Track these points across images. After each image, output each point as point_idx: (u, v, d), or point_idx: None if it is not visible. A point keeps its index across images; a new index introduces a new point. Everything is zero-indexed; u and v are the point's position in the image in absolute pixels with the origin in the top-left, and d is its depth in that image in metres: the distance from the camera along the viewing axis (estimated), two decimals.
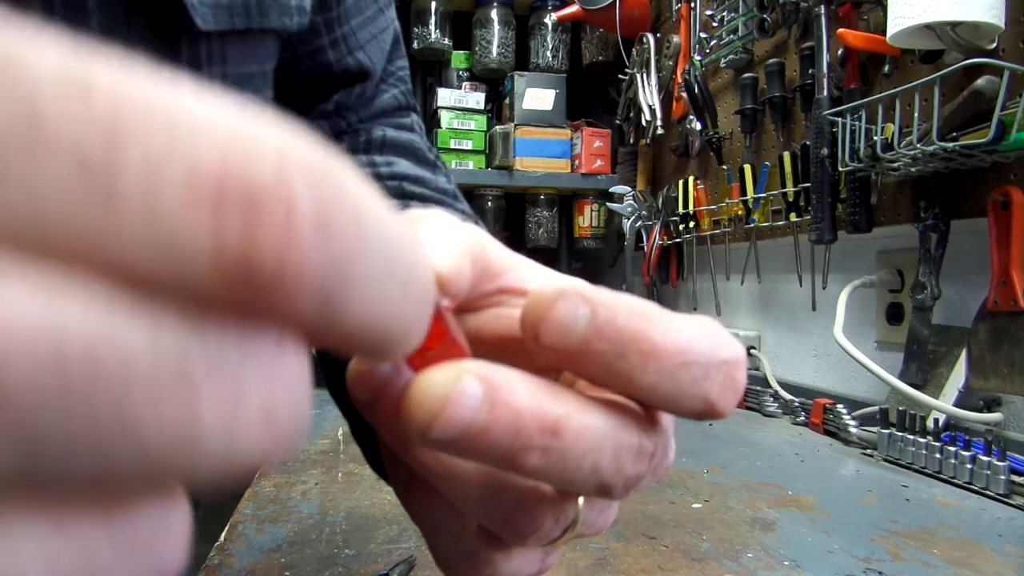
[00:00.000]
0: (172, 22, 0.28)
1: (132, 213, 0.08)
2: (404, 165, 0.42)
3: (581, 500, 0.20)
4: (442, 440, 0.15)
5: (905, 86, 0.83)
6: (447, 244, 0.19)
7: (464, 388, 0.15)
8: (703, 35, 1.45)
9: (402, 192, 0.39)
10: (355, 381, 0.19)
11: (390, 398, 0.18)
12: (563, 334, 0.15)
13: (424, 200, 0.39)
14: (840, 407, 0.97)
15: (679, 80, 1.53)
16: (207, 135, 0.09)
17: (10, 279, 0.08)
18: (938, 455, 0.77)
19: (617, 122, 1.82)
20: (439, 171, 0.44)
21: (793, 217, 1.15)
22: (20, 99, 0.08)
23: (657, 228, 1.60)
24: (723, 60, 1.37)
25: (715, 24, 1.39)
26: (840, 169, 0.97)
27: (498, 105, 1.99)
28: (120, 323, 0.09)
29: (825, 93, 1.02)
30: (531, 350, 0.16)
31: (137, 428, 0.09)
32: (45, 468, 0.09)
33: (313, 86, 0.43)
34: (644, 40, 1.66)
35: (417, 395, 0.15)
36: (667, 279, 1.63)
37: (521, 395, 0.15)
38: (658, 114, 1.61)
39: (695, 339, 0.17)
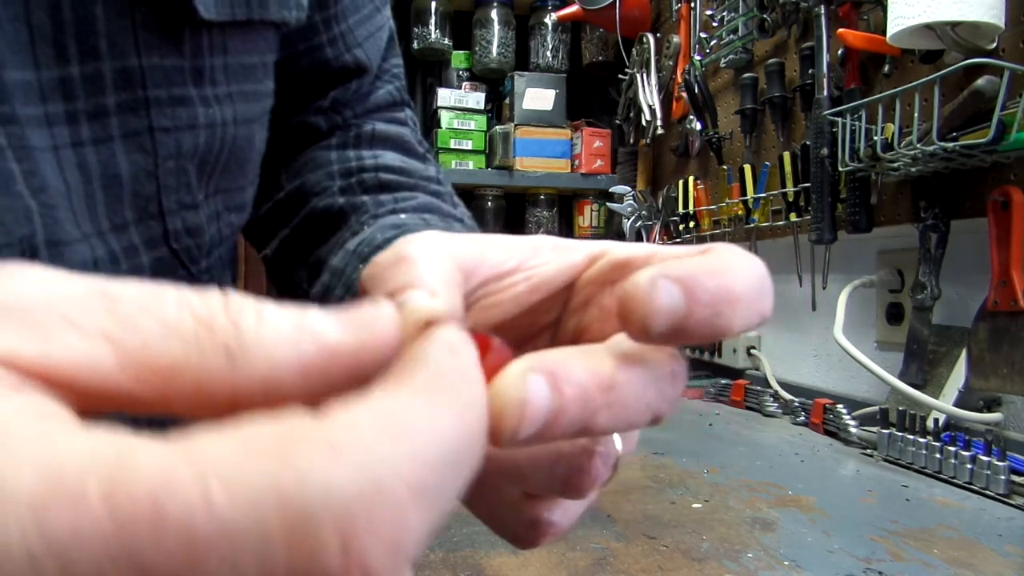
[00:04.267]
0: (175, 12, 0.29)
1: None
2: (391, 157, 0.44)
3: (617, 438, 0.21)
4: (530, 436, 0.16)
5: (905, 86, 0.83)
6: (436, 281, 0.20)
7: (531, 385, 0.16)
8: (703, 35, 1.45)
9: (378, 182, 0.41)
10: None
11: None
12: (670, 319, 0.17)
13: (400, 188, 0.41)
14: (840, 407, 0.97)
15: (679, 80, 1.53)
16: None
17: None
18: (938, 455, 0.77)
19: (617, 122, 1.82)
20: (428, 162, 0.46)
21: (793, 217, 1.15)
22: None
23: (657, 228, 1.60)
24: (723, 60, 1.37)
25: (715, 24, 1.39)
26: (840, 169, 0.97)
27: (498, 105, 1.99)
28: None
29: (825, 93, 1.02)
30: (640, 341, 0.18)
31: None
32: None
33: (312, 82, 0.44)
34: (644, 40, 1.66)
35: (495, 407, 0.16)
36: None
37: (576, 368, 0.17)
38: (658, 114, 1.60)
39: (750, 271, 0.18)
